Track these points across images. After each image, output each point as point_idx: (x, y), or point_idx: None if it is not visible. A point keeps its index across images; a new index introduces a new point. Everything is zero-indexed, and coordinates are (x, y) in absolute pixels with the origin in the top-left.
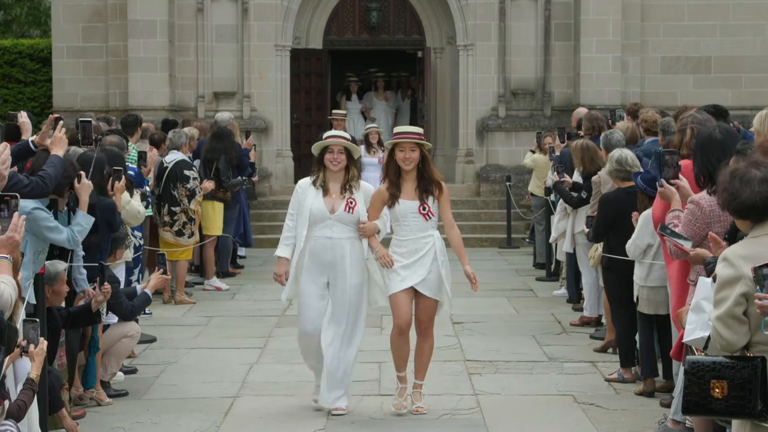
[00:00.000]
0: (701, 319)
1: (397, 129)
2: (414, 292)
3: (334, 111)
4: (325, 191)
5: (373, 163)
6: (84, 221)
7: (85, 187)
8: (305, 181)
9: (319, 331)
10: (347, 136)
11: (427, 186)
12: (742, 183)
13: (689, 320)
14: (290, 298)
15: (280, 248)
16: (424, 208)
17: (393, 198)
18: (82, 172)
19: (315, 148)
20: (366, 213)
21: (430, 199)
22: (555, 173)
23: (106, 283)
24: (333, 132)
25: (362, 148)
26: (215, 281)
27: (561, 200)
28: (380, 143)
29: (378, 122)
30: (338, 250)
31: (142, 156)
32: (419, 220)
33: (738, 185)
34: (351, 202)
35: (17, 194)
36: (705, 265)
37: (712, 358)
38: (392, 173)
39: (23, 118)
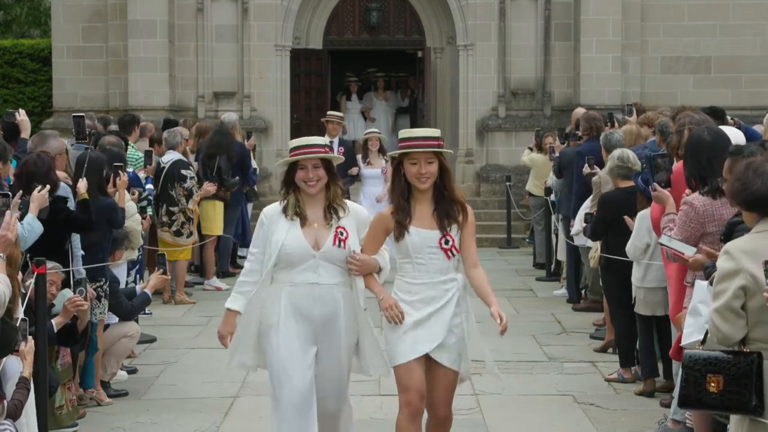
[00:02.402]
0: (698, 323)
1: (405, 133)
2: (427, 358)
3: (329, 112)
4: (303, 220)
5: (375, 176)
6: (34, 224)
7: (38, 198)
8: (272, 210)
9: (311, 402)
10: (320, 141)
11: (448, 210)
12: (756, 175)
13: (687, 323)
14: (254, 367)
15: (233, 297)
16: (446, 241)
17: (401, 227)
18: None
19: (282, 165)
20: (360, 246)
21: (454, 227)
22: (586, 166)
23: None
24: (302, 141)
25: (359, 157)
26: (215, 281)
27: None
28: (382, 150)
29: (378, 123)
30: (329, 304)
31: (148, 154)
32: (439, 258)
33: (751, 176)
34: (341, 233)
35: (8, 193)
36: (703, 270)
37: (709, 352)
38: (400, 193)
39: (21, 116)
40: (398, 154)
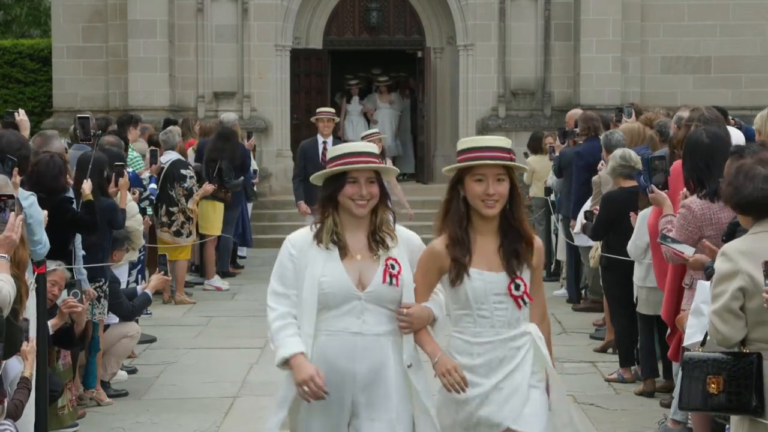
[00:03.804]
0: (701, 323)
1: (468, 142)
2: None
3: (319, 109)
4: (343, 250)
5: None
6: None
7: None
8: (300, 237)
9: None
10: (373, 149)
11: (516, 246)
12: (747, 178)
13: (689, 324)
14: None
15: (285, 346)
16: (517, 287)
17: (459, 267)
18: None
19: (319, 178)
20: (413, 285)
21: (525, 268)
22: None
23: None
24: (351, 147)
25: None
26: (216, 281)
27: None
28: (383, 153)
29: (382, 126)
30: (375, 357)
31: (153, 154)
32: (507, 308)
33: (742, 180)
34: (392, 266)
35: (14, 194)
36: (704, 270)
37: (709, 354)
38: (457, 221)
39: (21, 115)
40: (457, 169)
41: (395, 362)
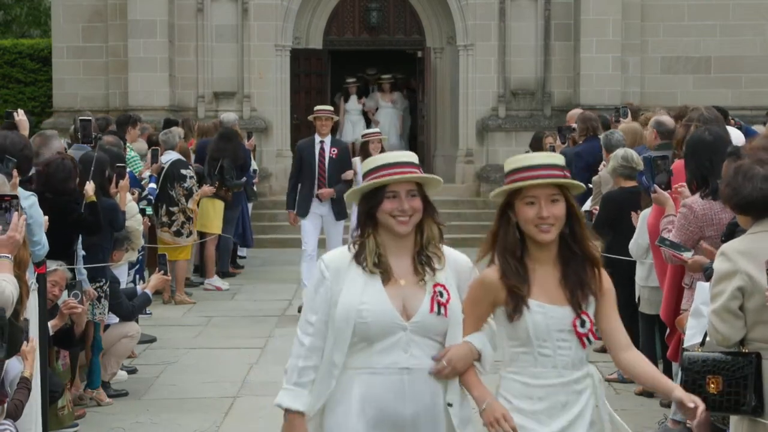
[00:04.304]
0: (701, 324)
1: (517, 161)
2: None
3: (317, 107)
4: (386, 275)
5: None
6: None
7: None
8: (336, 258)
9: None
10: (413, 158)
11: (581, 274)
12: (745, 179)
13: (689, 325)
14: None
15: (291, 393)
16: (582, 323)
17: (517, 300)
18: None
19: (355, 195)
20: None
21: (590, 301)
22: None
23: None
24: (388, 157)
25: (357, 161)
26: (215, 280)
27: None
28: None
29: (383, 126)
30: (425, 396)
31: (154, 153)
32: (571, 346)
33: (741, 181)
34: (440, 294)
35: (17, 194)
36: (703, 272)
37: (708, 354)
38: (510, 250)
39: (20, 116)
40: (503, 193)
41: (446, 408)
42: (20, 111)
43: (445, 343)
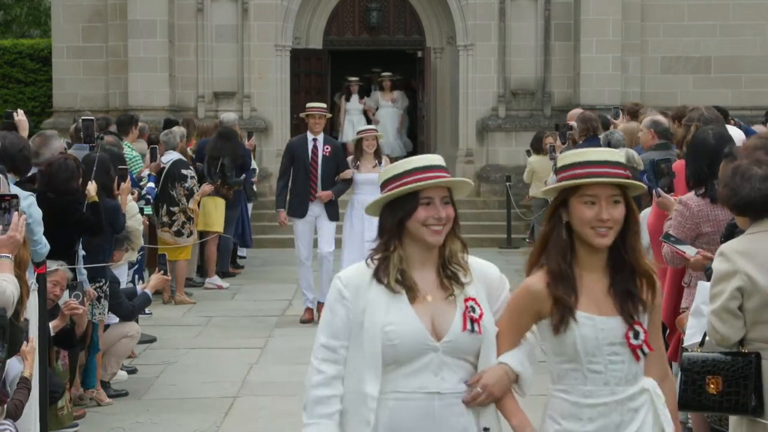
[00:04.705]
0: (701, 324)
1: (572, 156)
2: None
3: (309, 104)
4: (411, 291)
5: (369, 182)
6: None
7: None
8: (355, 275)
9: None
10: (442, 160)
11: (630, 284)
12: (743, 179)
13: (689, 324)
14: None
15: (318, 428)
16: (636, 335)
17: (564, 310)
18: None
19: (377, 205)
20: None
21: (642, 312)
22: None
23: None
24: (419, 161)
25: (351, 159)
26: (216, 279)
27: None
28: (379, 152)
29: (384, 125)
30: (457, 424)
31: (153, 152)
32: (624, 360)
33: (739, 181)
34: (471, 309)
35: (17, 194)
36: (705, 271)
37: (708, 354)
38: (560, 253)
39: (20, 116)
40: (554, 191)
41: (480, 429)
42: (20, 111)
43: (479, 363)
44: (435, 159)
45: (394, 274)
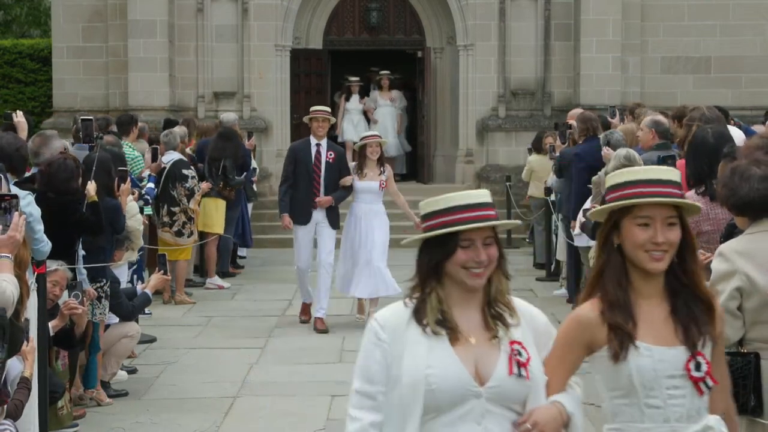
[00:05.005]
0: None
1: (624, 174)
2: None
3: (313, 108)
4: (453, 333)
5: (370, 190)
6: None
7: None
8: (392, 316)
9: None
10: (488, 196)
11: (691, 310)
12: (742, 179)
13: None
14: None
15: None
16: (697, 366)
17: (622, 338)
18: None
19: (415, 242)
20: (543, 374)
21: (704, 342)
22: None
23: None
24: (458, 198)
25: (353, 166)
26: (217, 280)
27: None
28: (381, 159)
29: (383, 125)
30: None
31: (154, 152)
32: (686, 394)
33: (737, 181)
34: (518, 353)
35: (17, 194)
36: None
37: None
38: (615, 279)
39: (19, 117)
40: (603, 212)
41: None
42: (19, 113)
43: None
44: (479, 196)
45: (435, 315)
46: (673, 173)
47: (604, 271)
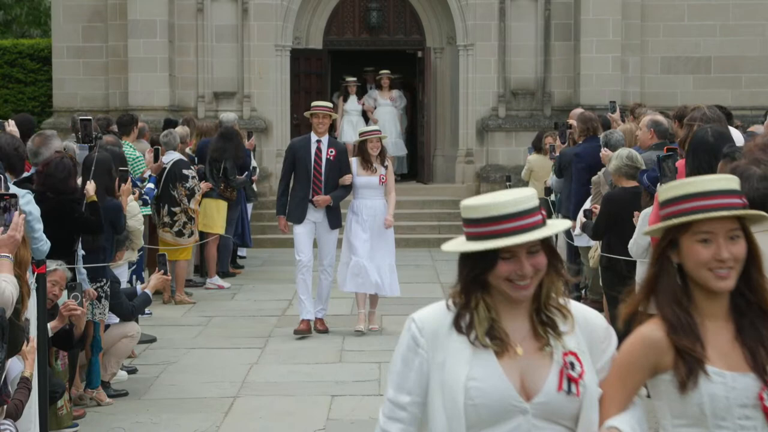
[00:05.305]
0: None
1: (683, 186)
2: None
3: (314, 103)
4: (500, 344)
5: (371, 185)
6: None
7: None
8: (432, 320)
9: None
10: (532, 199)
11: (760, 330)
12: (742, 179)
13: None
14: None
15: None
16: None
17: (692, 362)
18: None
19: (458, 247)
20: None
21: None
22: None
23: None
24: (499, 200)
25: (354, 161)
26: (217, 280)
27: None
28: (382, 155)
29: (382, 125)
30: None
31: (157, 152)
32: (756, 426)
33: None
34: (570, 365)
35: (16, 194)
36: None
37: None
38: (673, 299)
39: (11, 126)
40: (666, 226)
41: None
42: (11, 122)
43: (579, 430)
44: (523, 202)
45: (484, 325)
46: (732, 181)
47: (657, 290)
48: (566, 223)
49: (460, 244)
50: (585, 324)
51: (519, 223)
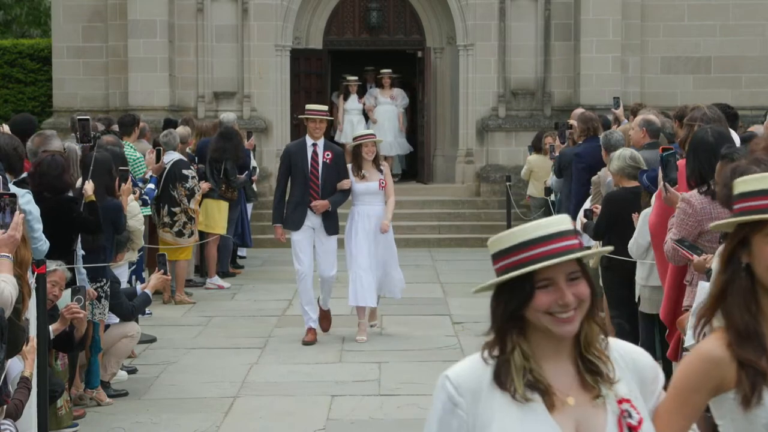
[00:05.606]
0: None
1: (748, 182)
2: None
3: (308, 106)
4: (548, 398)
5: (370, 191)
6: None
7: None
8: (470, 376)
9: None
10: (566, 222)
11: None
12: None
13: (690, 324)
14: None
15: None
16: None
17: (756, 376)
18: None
19: (487, 281)
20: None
21: None
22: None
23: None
24: (536, 227)
25: (350, 167)
26: (217, 280)
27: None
28: (378, 159)
29: (382, 124)
30: None
31: (159, 153)
32: None
33: None
34: (628, 414)
35: (16, 194)
36: (705, 272)
37: None
38: (741, 302)
39: (5, 130)
40: (736, 223)
41: None
42: (5, 126)
43: None
44: (555, 224)
45: (522, 377)
46: None
47: (727, 293)
48: (607, 249)
49: (489, 282)
50: (633, 366)
51: (553, 246)
